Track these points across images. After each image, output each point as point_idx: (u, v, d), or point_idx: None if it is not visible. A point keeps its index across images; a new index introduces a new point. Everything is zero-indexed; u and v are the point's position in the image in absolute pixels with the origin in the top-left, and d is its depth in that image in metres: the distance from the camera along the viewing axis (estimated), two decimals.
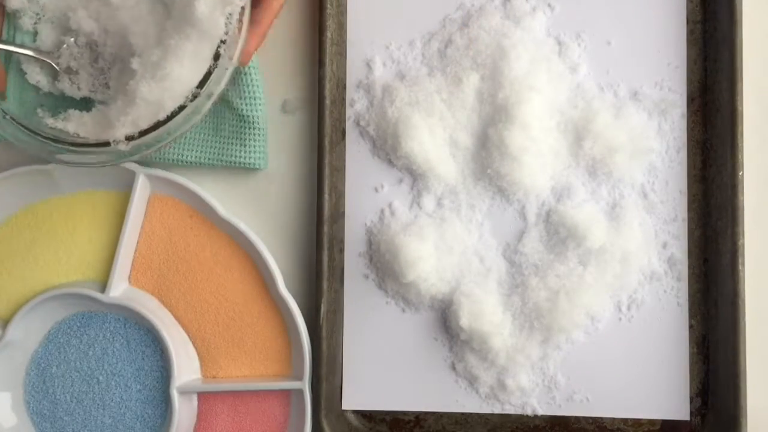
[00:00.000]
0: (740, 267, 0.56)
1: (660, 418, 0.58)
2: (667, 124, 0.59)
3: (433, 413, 0.60)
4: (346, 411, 0.60)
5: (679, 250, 0.58)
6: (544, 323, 0.57)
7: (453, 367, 0.59)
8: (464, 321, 0.57)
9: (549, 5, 0.60)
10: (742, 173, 0.56)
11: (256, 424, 0.59)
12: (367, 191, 0.60)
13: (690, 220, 0.59)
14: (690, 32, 0.59)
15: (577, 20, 0.59)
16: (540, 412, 0.59)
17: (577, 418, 0.59)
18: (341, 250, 0.60)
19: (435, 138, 0.58)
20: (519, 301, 0.58)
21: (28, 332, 0.59)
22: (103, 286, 0.58)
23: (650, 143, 0.58)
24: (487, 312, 0.57)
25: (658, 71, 0.59)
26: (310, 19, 0.61)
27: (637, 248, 0.58)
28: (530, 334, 0.58)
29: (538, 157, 0.57)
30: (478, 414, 0.59)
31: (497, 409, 0.59)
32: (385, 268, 0.59)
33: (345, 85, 0.61)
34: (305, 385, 0.58)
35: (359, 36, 0.60)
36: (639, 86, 0.59)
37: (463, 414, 0.59)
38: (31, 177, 0.60)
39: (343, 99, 0.61)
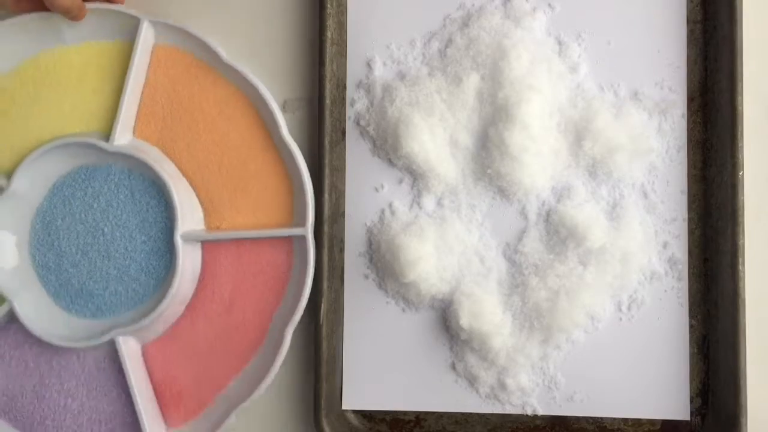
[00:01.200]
0: (740, 267, 0.56)
1: (660, 418, 0.58)
2: (667, 124, 0.59)
3: (433, 413, 0.60)
4: (346, 411, 0.60)
5: (680, 250, 0.58)
6: (544, 323, 0.57)
7: (453, 367, 0.59)
8: (464, 321, 0.57)
9: (549, 5, 0.60)
10: (742, 173, 0.56)
11: (260, 273, 0.59)
12: (367, 191, 0.60)
13: (690, 219, 0.59)
14: (690, 32, 0.59)
15: (577, 20, 0.59)
16: (540, 412, 0.59)
17: (577, 418, 0.59)
18: (341, 250, 0.60)
19: (435, 138, 0.58)
20: (519, 300, 0.58)
21: (33, 184, 0.59)
22: (108, 138, 0.58)
23: (650, 143, 0.58)
24: (487, 312, 0.57)
25: (658, 71, 0.59)
26: (310, 19, 0.61)
27: (638, 248, 0.58)
28: (530, 334, 0.58)
29: (538, 157, 0.57)
30: (478, 414, 0.59)
31: (497, 409, 0.59)
32: (385, 268, 0.59)
33: (345, 84, 0.61)
34: (307, 231, 0.57)
35: (359, 36, 0.60)
36: (639, 86, 0.59)
37: (463, 414, 0.59)
38: (35, 24, 0.59)
39: (343, 99, 0.61)
